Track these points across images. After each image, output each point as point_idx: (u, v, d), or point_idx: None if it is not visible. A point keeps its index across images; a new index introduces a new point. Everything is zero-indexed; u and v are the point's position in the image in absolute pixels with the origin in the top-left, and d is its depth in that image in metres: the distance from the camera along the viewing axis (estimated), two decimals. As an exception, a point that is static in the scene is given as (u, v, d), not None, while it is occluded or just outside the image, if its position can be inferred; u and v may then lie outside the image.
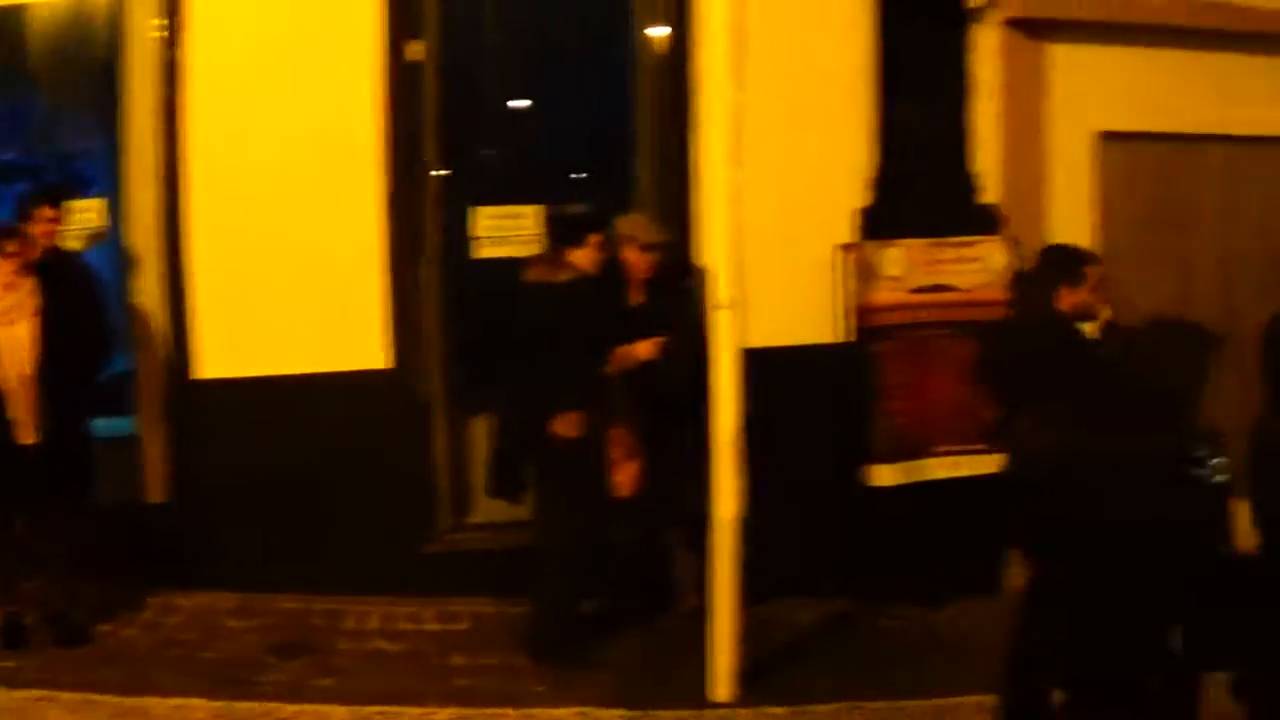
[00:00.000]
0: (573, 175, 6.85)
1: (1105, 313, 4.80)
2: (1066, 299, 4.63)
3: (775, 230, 5.75)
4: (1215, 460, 3.05)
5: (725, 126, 4.71)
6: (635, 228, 5.58)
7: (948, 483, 5.93)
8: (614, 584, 5.64)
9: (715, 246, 4.83)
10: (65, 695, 4.72)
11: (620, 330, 5.32)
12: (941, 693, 4.97)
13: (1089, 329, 4.69)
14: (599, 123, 6.59)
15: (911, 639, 5.74)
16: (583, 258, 5.23)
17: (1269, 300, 6.50)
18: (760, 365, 5.54)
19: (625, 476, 5.23)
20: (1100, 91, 6.29)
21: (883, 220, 5.95)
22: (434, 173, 6.04)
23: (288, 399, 5.72)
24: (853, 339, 5.87)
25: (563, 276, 5.17)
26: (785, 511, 5.57)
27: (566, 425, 5.04)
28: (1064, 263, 4.76)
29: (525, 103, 6.84)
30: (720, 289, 4.72)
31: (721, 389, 4.75)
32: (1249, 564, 3.07)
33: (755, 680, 4.99)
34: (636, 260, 5.45)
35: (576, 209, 5.92)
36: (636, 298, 5.49)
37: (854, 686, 5.05)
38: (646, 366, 5.32)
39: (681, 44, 5.98)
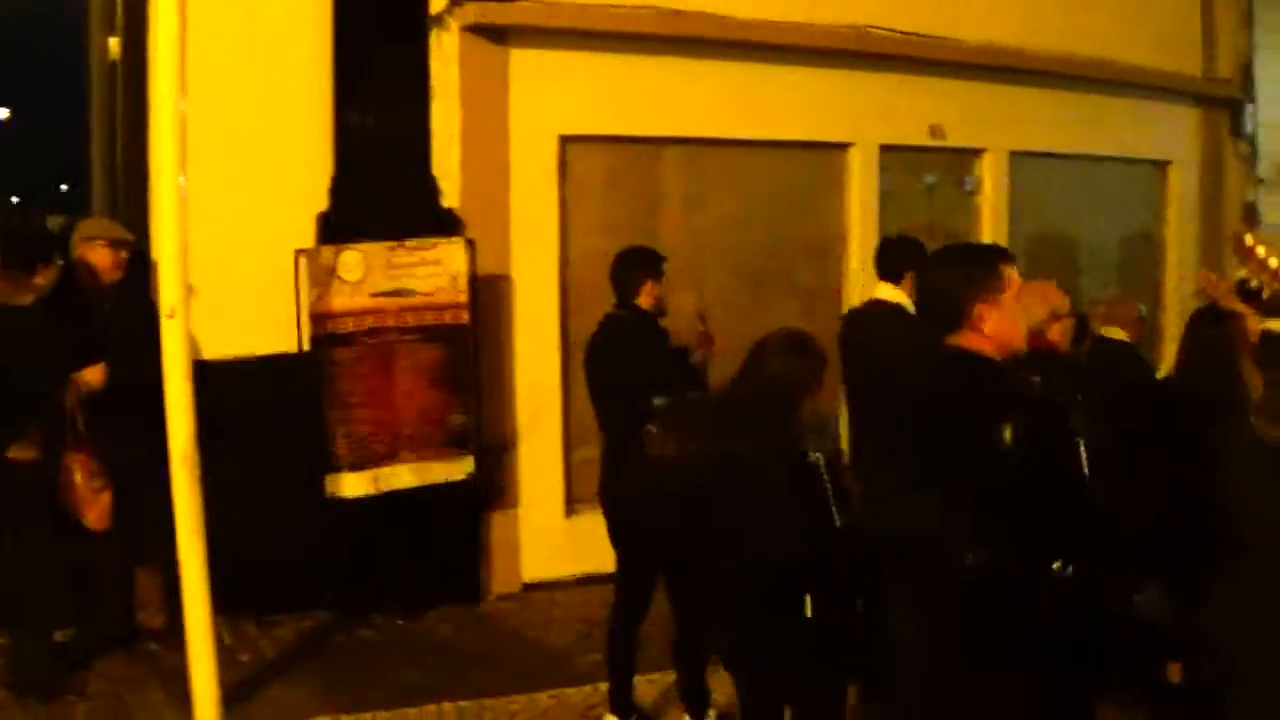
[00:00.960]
0: (37, 187, 6.91)
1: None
2: (648, 295, 5.10)
3: (236, 238, 6.21)
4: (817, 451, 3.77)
5: (171, 133, 4.91)
6: (98, 228, 5.77)
7: (420, 489, 6.50)
8: (92, 610, 5.85)
9: (164, 255, 4.99)
10: None
11: (83, 352, 5.45)
12: (424, 700, 5.49)
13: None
14: (62, 133, 6.71)
15: (395, 648, 6.30)
16: (44, 278, 5.39)
17: (738, 297, 7.84)
18: (223, 375, 6.05)
19: (95, 510, 5.45)
20: (563, 96, 7.09)
21: (343, 225, 6.43)
22: None
23: None
24: (313, 346, 6.31)
25: (22, 299, 5.29)
26: (257, 526, 6.00)
27: (22, 453, 5.20)
28: (646, 260, 5.19)
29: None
30: (168, 298, 4.88)
31: (173, 401, 4.92)
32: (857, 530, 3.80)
33: (240, 699, 5.36)
34: (103, 260, 5.64)
35: (38, 227, 6.04)
36: (102, 304, 5.66)
37: (341, 699, 5.51)
38: (107, 388, 5.51)
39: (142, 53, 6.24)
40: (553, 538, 7.17)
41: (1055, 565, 2.91)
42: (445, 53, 6.77)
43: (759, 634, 3.79)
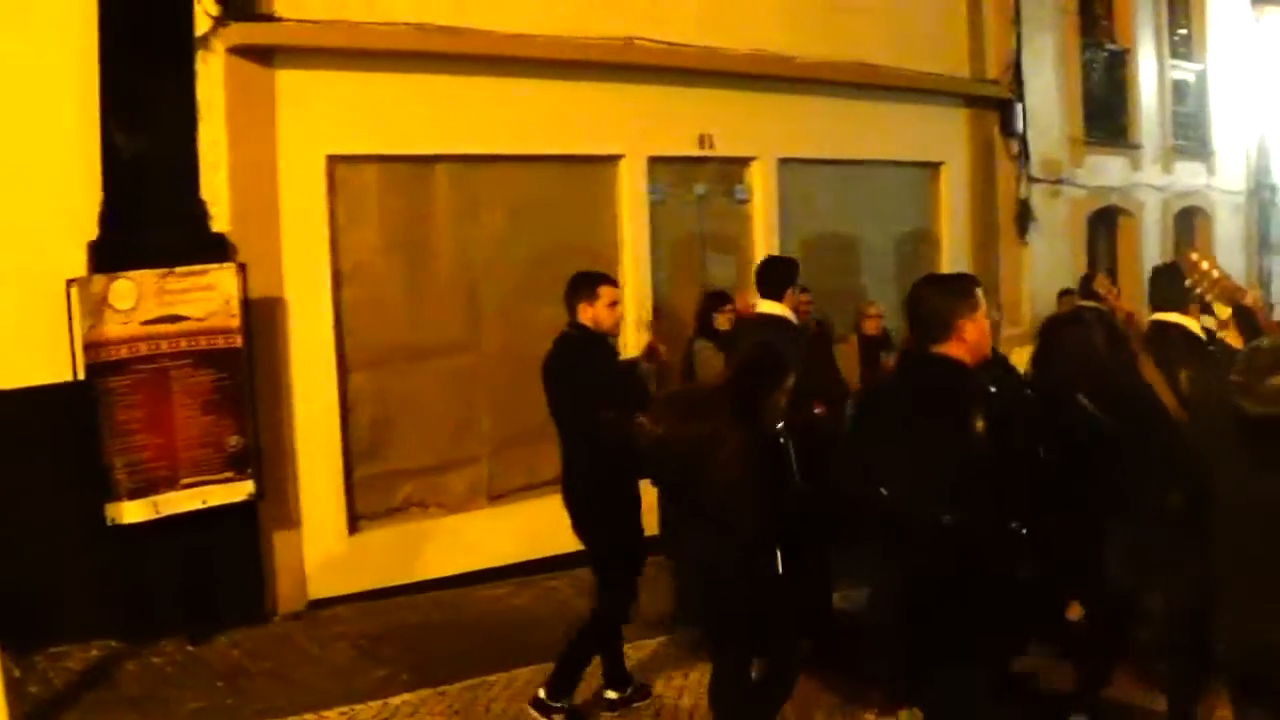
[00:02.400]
0: None
1: None
2: (585, 313, 6.22)
3: (6, 269, 7.03)
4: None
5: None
6: None
7: (202, 513, 7.45)
8: None
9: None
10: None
11: None
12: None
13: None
14: None
15: (185, 673, 7.03)
16: None
17: (513, 310, 8.98)
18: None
19: None
20: (331, 116, 8.08)
21: (114, 252, 7.29)
22: None
23: None
24: (88, 375, 7.14)
25: None
26: (40, 558, 6.91)
27: None
28: (582, 283, 6.30)
29: None
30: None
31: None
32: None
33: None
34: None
35: None
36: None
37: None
38: None
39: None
40: (336, 555, 8.17)
41: (1013, 525, 4.23)
42: (212, 75, 7.68)
43: (738, 593, 5.20)
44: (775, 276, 7.07)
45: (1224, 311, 5.23)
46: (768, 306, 7.00)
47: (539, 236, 9.28)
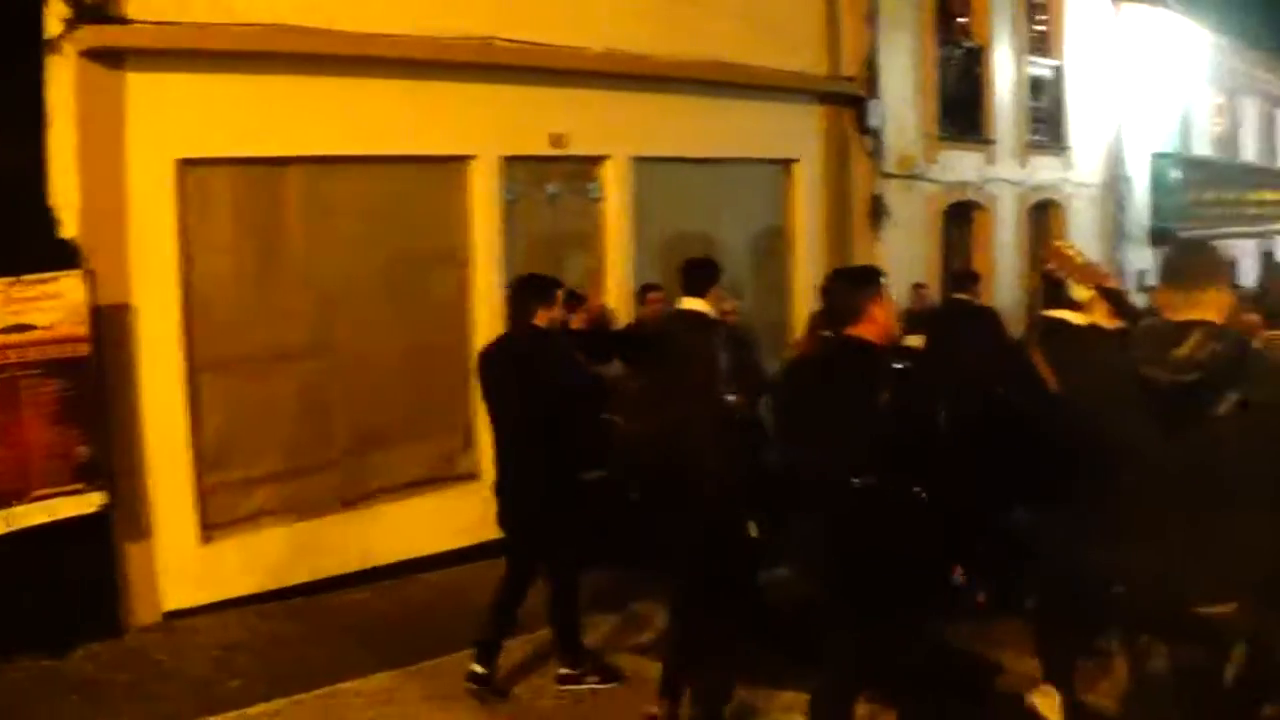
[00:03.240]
0: None
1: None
2: (543, 316, 7.20)
3: None
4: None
5: None
6: None
7: (53, 525, 7.87)
8: None
9: None
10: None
11: None
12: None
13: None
14: None
15: (41, 689, 7.41)
16: None
17: (367, 312, 9.51)
18: None
19: None
20: (181, 119, 8.52)
21: None
22: None
23: None
24: None
25: None
26: None
27: None
28: (538, 288, 7.33)
29: None
30: None
31: None
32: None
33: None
34: None
35: None
36: None
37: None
38: None
39: None
40: (189, 566, 8.65)
41: (916, 489, 5.24)
42: (62, 79, 8.08)
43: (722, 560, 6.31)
44: (698, 275, 7.93)
45: (1083, 293, 5.84)
46: (690, 303, 7.89)
47: (393, 238, 9.85)
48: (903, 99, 14.67)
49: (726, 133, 12.17)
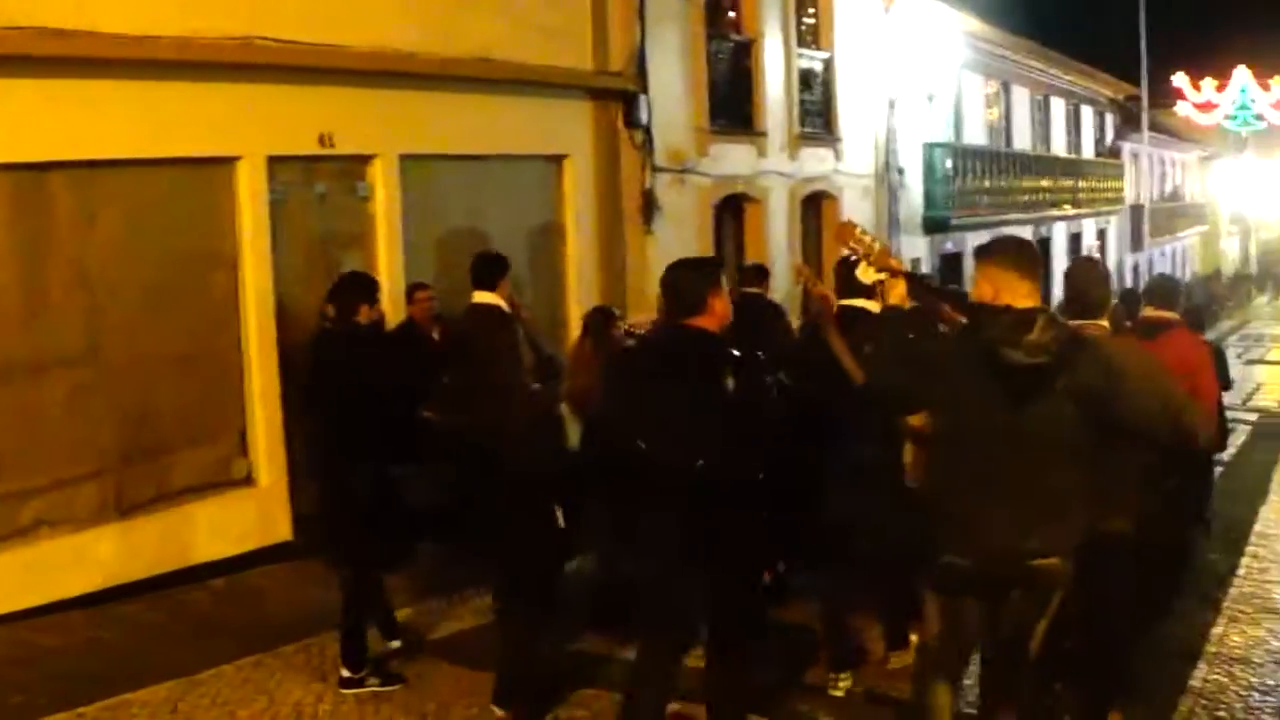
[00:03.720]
0: None
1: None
2: (365, 314, 7.74)
3: None
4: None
5: None
6: None
7: None
8: None
9: None
10: None
11: None
12: None
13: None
14: None
15: None
16: None
17: (136, 316, 9.80)
18: None
19: None
20: None
21: None
22: None
23: None
24: None
25: None
26: None
27: None
28: (361, 286, 7.87)
29: None
30: None
31: None
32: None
33: None
34: None
35: None
36: None
37: None
38: None
39: None
40: None
41: (755, 467, 5.93)
42: None
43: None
44: (488, 269, 8.64)
45: (870, 275, 6.14)
46: (482, 296, 8.54)
47: (159, 241, 10.13)
48: (673, 93, 15.45)
49: (496, 130, 12.76)
